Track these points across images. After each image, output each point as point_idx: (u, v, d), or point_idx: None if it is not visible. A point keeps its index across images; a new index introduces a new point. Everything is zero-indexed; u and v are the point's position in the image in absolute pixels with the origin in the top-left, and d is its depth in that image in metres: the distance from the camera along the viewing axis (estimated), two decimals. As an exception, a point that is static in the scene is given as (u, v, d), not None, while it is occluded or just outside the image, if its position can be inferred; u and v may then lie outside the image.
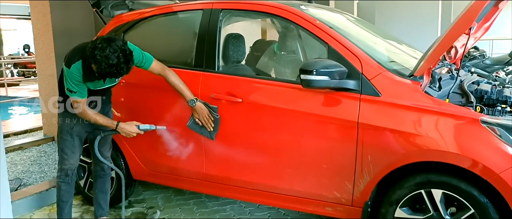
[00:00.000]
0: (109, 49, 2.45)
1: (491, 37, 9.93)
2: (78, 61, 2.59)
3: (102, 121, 2.78)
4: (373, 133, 2.40)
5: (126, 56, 2.52)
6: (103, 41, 2.48)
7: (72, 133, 2.87)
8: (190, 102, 2.84)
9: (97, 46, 2.46)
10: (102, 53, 2.45)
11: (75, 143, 2.88)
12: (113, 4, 3.57)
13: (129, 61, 2.54)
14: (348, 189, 2.53)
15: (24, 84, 12.75)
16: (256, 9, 3.04)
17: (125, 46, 2.53)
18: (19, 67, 15.61)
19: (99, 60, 2.46)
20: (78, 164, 2.97)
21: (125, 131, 2.80)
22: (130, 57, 2.54)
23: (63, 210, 2.98)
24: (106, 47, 2.45)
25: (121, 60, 2.49)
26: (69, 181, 2.93)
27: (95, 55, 2.46)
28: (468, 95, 2.49)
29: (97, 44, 2.47)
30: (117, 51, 2.47)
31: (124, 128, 2.80)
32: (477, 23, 2.75)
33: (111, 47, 2.46)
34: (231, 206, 3.51)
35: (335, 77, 2.42)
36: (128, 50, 2.54)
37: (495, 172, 2.11)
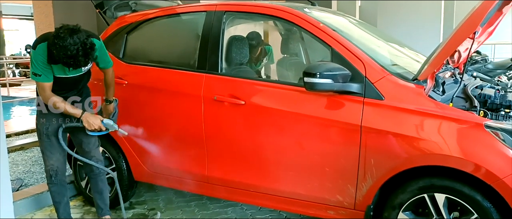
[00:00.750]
0: (69, 40, 2.46)
1: (493, 42, 9.93)
2: (44, 42, 2.61)
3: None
4: (376, 137, 2.39)
5: (86, 50, 2.52)
6: (66, 31, 2.49)
7: (48, 134, 2.86)
8: (106, 101, 3.02)
9: (59, 35, 2.47)
10: (63, 43, 2.46)
11: (53, 143, 2.86)
12: (116, 5, 3.57)
13: (88, 55, 2.55)
14: (350, 193, 2.53)
15: (26, 85, 12.75)
16: (260, 12, 3.04)
17: (86, 40, 2.53)
18: (21, 67, 15.63)
19: (58, 49, 2.47)
20: (62, 164, 2.94)
21: (89, 121, 2.78)
22: (89, 52, 2.55)
23: (59, 210, 3.01)
24: (67, 38, 2.46)
25: (80, 53, 2.49)
26: (55, 182, 2.92)
27: (55, 44, 2.48)
28: (472, 99, 2.48)
29: (60, 33, 2.48)
30: (77, 44, 2.48)
31: (89, 117, 2.78)
32: (481, 28, 2.74)
33: (72, 38, 2.47)
34: (232, 208, 3.50)
35: (339, 81, 2.42)
36: (90, 44, 2.54)
37: (499, 176, 2.10)
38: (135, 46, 3.42)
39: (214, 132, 2.91)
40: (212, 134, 2.92)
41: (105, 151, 3.29)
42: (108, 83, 3.00)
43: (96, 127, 2.81)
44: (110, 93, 3.03)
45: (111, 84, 3.02)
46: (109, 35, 3.46)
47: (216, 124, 2.90)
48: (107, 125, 2.84)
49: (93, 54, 2.61)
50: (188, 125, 2.96)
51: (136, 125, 3.16)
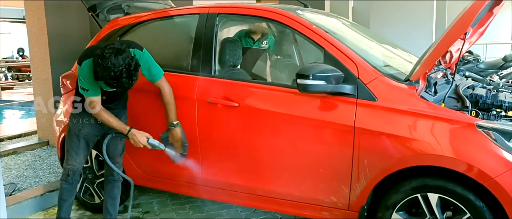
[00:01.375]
0: (114, 61, 2.44)
1: (485, 42, 10.00)
2: (89, 59, 2.59)
3: (115, 123, 2.77)
4: (369, 137, 2.40)
5: (130, 71, 2.50)
6: (112, 51, 2.47)
7: (79, 135, 2.87)
8: (170, 124, 2.90)
9: (104, 55, 2.46)
10: (106, 63, 2.44)
11: (81, 145, 2.88)
12: (109, 8, 3.56)
13: (132, 77, 2.54)
14: (344, 194, 2.54)
15: (18, 88, 12.68)
16: (253, 14, 3.06)
17: (131, 61, 2.51)
18: (13, 70, 15.54)
19: (102, 70, 2.47)
20: (81, 166, 2.97)
21: (135, 139, 2.78)
22: (134, 73, 2.54)
23: (62, 208, 2.99)
24: (112, 58, 2.44)
25: (124, 74, 2.48)
26: (70, 181, 2.94)
27: (100, 64, 2.46)
28: (464, 99, 2.50)
29: (105, 53, 2.46)
30: (122, 65, 2.46)
31: (136, 135, 2.78)
32: (472, 28, 2.77)
33: (117, 59, 2.45)
34: (227, 210, 3.50)
35: (332, 82, 2.43)
36: (134, 65, 2.53)
37: (491, 176, 2.12)
38: (128, 49, 3.40)
39: (208, 134, 2.91)
40: (206, 136, 2.92)
41: (99, 154, 3.28)
42: (166, 102, 2.87)
43: (141, 146, 2.80)
44: (171, 114, 2.88)
45: (171, 102, 2.87)
46: (102, 38, 3.45)
47: (210, 126, 2.90)
48: (152, 145, 2.82)
49: (137, 76, 2.59)
50: (182, 127, 2.95)
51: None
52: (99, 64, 2.47)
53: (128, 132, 2.78)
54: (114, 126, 2.77)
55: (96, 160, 3.33)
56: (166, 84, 2.87)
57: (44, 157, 4.79)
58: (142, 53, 2.73)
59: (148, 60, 2.78)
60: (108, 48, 2.48)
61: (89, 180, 3.40)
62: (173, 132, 2.91)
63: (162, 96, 2.87)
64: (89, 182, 3.41)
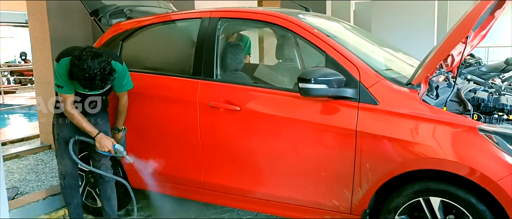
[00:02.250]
0: (89, 63, 2.54)
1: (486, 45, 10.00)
2: (68, 57, 2.67)
3: (85, 125, 2.83)
4: (371, 141, 2.40)
5: (104, 75, 2.61)
6: (88, 54, 2.57)
7: (59, 139, 2.95)
8: (114, 128, 3.07)
9: (82, 56, 2.55)
10: (83, 64, 2.54)
11: (61, 148, 2.95)
12: (111, 12, 3.57)
13: (105, 80, 2.65)
14: (346, 197, 2.53)
15: (21, 92, 12.70)
16: (254, 18, 3.06)
17: (107, 65, 2.61)
18: (16, 74, 15.58)
19: (77, 70, 2.56)
20: (72, 170, 3.00)
21: (102, 143, 2.85)
22: (108, 77, 2.65)
23: (69, 211, 3.11)
24: (88, 60, 2.54)
25: (98, 77, 2.58)
26: (64, 185, 3.01)
27: (76, 64, 2.56)
28: (466, 103, 2.50)
29: (83, 54, 2.56)
30: (97, 68, 2.56)
31: (102, 139, 2.85)
32: (474, 32, 2.77)
33: (94, 62, 2.55)
34: (229, 214, 3.50)
35: (333, 86, 2.43)
36: (109, 69, 2.63)
37: (493, 179, 2.12)
38: (130, 53, 3.42)
39: (210, 138, 2.92)
40: (208, 140, 2.92)
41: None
42: (120, 111, 3.05)
43: (106, 150, 2.88)
44: (120, 121, 3.08)
45: (123, 112, 3.06)
46: (104, 43, 3.46)
47: (212, 130, 2.90)
48: (117, 151, 2.91)
49: (111, 79, 2.70)
50: (183, 131, 2.96)
51: (131, 132, 3.16)
52: (75, 65, 2.56)
53: (96, 135, 2.84)
54: (84, 126, 2.82)
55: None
56: (126, 96, 3.03)
57: (47, 160, 4.80)
58: (121, 67, 2.84)
59: (124, 75, 2.90)
60: (86, 51, 2.59)
61: (91, 184, 3.41)
62: (117, 135, 3.09)
63: (118, 105, 3.03)
64: (91, 186, 3.41)
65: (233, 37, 4.65)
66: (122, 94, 3.01)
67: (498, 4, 2.64)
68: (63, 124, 2.95)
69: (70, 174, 3.00)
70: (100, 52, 2.63)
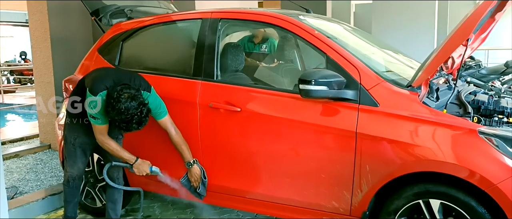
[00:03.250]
0: (127, 105, 2.53)
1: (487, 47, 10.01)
2: (104, 91, 2.64)
3: (123, 154, 2.83)
4: (371, 143, 2.40)
5: (141, 118, 2.60)
6: (128, 96, 2.54)
7: (75, 143, 2.92)
8: (187, 164, 2.93)
9: (120, 99, 2.53)
10: (119, 106, 2.52)
11: (77, 153, 2.93)
12: (112, 12, 3.57)
13: (141, 123, 2.64)
14: (346, 199, 2.53)
15: (20, 91, 12.70)
16: (255, 19, 3.07)
17: (143, 108, 2.60)
18: (16, 74, 15.58)
19: (115, 112, 2.54)
20: (81, 172, 3.01)
21: (140, 168, 2.86)
22: (144, 120, 2.63)
23: (67, 208, 3.07)
24: (127, 103, 2.53)
25: (134, 120, 2.58)
26: (70, 186, 3.01)
27: (113, 106, 2.54)
28: (466, 105, 2.50)
29: (121, 97, 2.53)
30: (134, 112, 2.55)
31: (140, 165, 2.86)
32: (474, 34, 2.77)
33: (131, 104, 2.54)
34: (228, 215, 3.50)
35: (334, 87, 2.43)
36: (146, 112, 2.61)
37: (493, 182, 2.12)
38: (130, 54, 3.42)
39: (210, 139, 2.92)
40: (208, 141, 2.92)
41: (101, 159, 3.28)
42: (176, 142, 2.89)
43: (144, 174, 2.89)
44: (185, 153, 2.90)
45: (181, 142, 2.88)
46: (105, 43, 3.46)
47: (212, 131, 2.90)
48: (153, 172, 2.93)
49: (146, 121, 2.67)
50: (184, 132, 2.95)
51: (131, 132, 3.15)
52: (112, 106, 2.54)
53: (135, 161, 2.85)
54: (122, 156, 2.83)
55: (98, 164, 3.34)
56: (171, 124, 2.89)
57: (46, 160, 4.80)
58: (149, 94, 2.78)
59: (156, 101, 2.82)
60: (124, 92, 2.55)
61: (90, 184, 3.40)
62: (192, 169, 2.94)
63: (170, 138, 2.90)
64: (90, 186, 3.41)
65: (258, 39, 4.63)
66: (164, 122, 2.87)
67: (499, 6, 2.65)
68: (79, 128, 2.91)
69: (78, 177, 3.00)
70: (138, 94, 2.60)
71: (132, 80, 2.74)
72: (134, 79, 2.75)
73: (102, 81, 2.68)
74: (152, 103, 2.77)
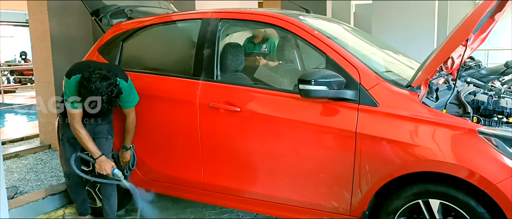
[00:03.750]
0: (99, 85, 2.62)
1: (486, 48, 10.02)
2: (78, 75, 2.74)
3: (90, 145, 2.88)
4: (371, 143, 2.41)
5: (111, 98, 2.70)
6: (97, 75, 2.65)
7: (63, 139, 3.01)
8: (123, 147, 3.10)
9: (91, 78, 2.63)
10: (91, 86, 2.62)
11: (66, 149, 3.01)
12: (112, 12, 3.57)
13: (111, 103, 2.73)
14: (346, 199, 2.54)
15: (21, 91, 12.70)
16: (255, 19, 3.07)
17: (114, 88, 2.70)
18: (16, 74, 15.58)
19: (85, 91, 2.64)
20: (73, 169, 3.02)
21: (102, 165, 2.90)
22: (114, 100, 2.73)
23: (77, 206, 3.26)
24: (97, 82, 2.62)
25: (105, 99, 2.68)
26: (69, 184, 3.11)
27: (85, 85, 2.64)
28: (465, 106, 2.51)
29: (92, 76, 2.64)
30: (104, 91, 2.64)
31: (102, 162, 2.89)
32: (474, 34, 2.78)
33: (102, 84, 2.63)
34: (228, 214, 3.50)
35: (333, 88, 2.43)
36: (116, 92, 2.71)
37: (492, 182, 2.12)
38: (130, 54, 3.42)
39: (210, 139, 2.92)
40: (208, 140, 2.92)
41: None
42: (127, 128, 3.06)
43: (105, 173, 2.92)
44: (128, 139, 3.09)
45: (131, 130, 3.07)
46: (105, 43, 3.46)
47: (212, 131, 2.91)
48: (115, 175, 2.93)
49: (116, 103, 2.78)
50: (184, 132, 2.96)
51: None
52: (84, 86, 2.65)
53: (98, 157, 2.89)
54: (88, 146, 2.88)
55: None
56: (133, 113, 3.04)
57: (46, 160, 4.80)
58: (126, 84, 2.88)
59: (130, 91, 2.93)
60: (96, 72, 2.66)
61: (90, 183, 3.41)
62: (125, 153, 3.13)
63: (126, 123, 3.05)
64: (90, 185, 3.41)
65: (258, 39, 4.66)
66: (129, 111, 3.02)
67: (499, 7, 2.65)
68: (65, 126, 2.98)
69: (75, 173, 3.02)
70: (109, 74, 2.69)
71: (108, 67, 2.83)
72: (111, 67, 2.84)
73: (79, 67, 2.80)
74: (125, 90, 2.85)
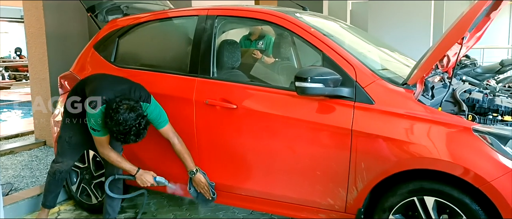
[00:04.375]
0: (125, 116, 2.53)
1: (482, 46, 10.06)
2: (104, 105, 2.64)
3: (124, 165, 2.84)
4: (366, 140, 2.41)
5: (139, 130, 2.60)
6: (126, 107, 2.55)
7: (70, 142, 2.97)
8: (190, 173, 2.90)
9: (118, 110, 2.53)
10: (119, 119, 2.52)
11: (70, 151, 2.99)
12: (108, 9, 3.56)
13: (139, 135, 2.63)
14: (341, 196, 2.54)
15: (15, 88, 12.64)
16: (251, 16, 3.07)
17: (142, 120, 2.60)
18: (11, 70, 15.49)
19: (112, 122, 2.55)
20: (67, 168, 3.05)
21: (143, 179, 2.87)
22: (142, 132, 2.63)
23: (47, 198, 3.11)
24: (126, 115, 2.53)
25: (132, 132, 2.58)
26: (56, 179, 3.05)
27: (112, 117, 2.54)
28: (460, 104, 2.52)
29: (120, 108, 2.54)
30: (132, 124, 2.55)
31: (143, 175, 2.86)
32: (469, 33, 2.79)
33: (130, 116, 2.54)
34: (224, 212, 3.50)
35: (330, 85, 2.44)
36: (144, 124, 2.61)
37: (487, 180, 2.13)
38: (126, 50, 3.42)
39: (206, 136, 2.92)
40: (204, 138, 2.92)
41: (97, 155, 3.27)
42: (178, 151, 2.86)
43: (148, 185, 2.88)
44: (188, 162, 2.87)
45: (184, 151, 2.86)
46: (101, 39, 3.45)
47: (208, 128, 2.91)
48: (159, 183, 2.92)
49: (144, 134, 2.67)
50: (179, 129, 2.95)
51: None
52: (111, 117, 2.55)
53: (136, 172, 2.86)
54: (123, 167, 2.84)
55: (94, 160, 3.33)
56: (173, 133, 2.87)
57: (41, 157, 4.78)
58: (149, 105, 2.77)
59: (157, 112, 2.81)
60: (123, 104, 2.55)
61: (86, 180, 3.40)
62: (196, 178, 2.91)
63: (173, 147, 2.87)
64: (86, 182, 3.40)
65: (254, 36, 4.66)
66: (167, 131, 2.85)
67: (494, 5, 2.66)
68: (75, 127, 2.94)
69: (65, 171, 3.05)
70: (137, 105, 2.60)
71: (132, 91, 2.74)
72: (134, 90, 2.75)
73: (102, 93, 2.68)
74: (152, 113, 2.77)
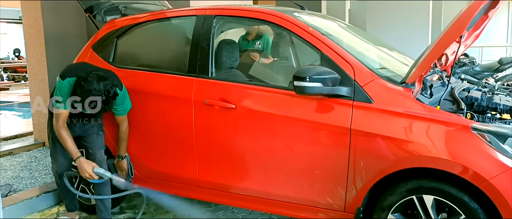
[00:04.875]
0: (95, 86, 2.60)
1: (480, 45, 10.07)
2: (73, 77, 2.72)
3: (70, 145, 2.84)
4: (365, 139, 2.41)
5: (108, 98, 2.68)
6: (95, 77, 2.63)
7: (54, 138, 2.97)
8: (118, 156, 3.10)
9: (88, 78, 2.61)
10: (88, 86, 2.60)
11: (57, 149, 2.98)
12: (106, 9, 3.56)
13: (108, 103, 2.71)
14: (340, 195, 2.54)
15: (14, 89, 12.62)
16: (250, 16, 3.07)
17: (111, 89, 2.67)
18: (9, 71, 15.47)
19: (83, 92, 2.62)
20: (64, 168, 3.04)
21: (81, 167, 2.84)
22: (110, 101, 2.71)
23: (66, 203, 3.26)
24: (94, 83, 2.60)
25: (102, 99, 2.66)
26: (59, 183, 3.07)
27: (82, 86, 2.62)
28: (459, 102, 2.52)
29: (89, 77, 2.62)
30: (101, 91, 2.62)
31: (82, 163, 2.84)
32: (468, 31, 2.79)
33: (99, 86, 2.62)
34: (223, 211, 3.50)
35: (328, 84, 2.44)
36: (112, 94, 2.69)
37: (485, 178, 2.13)
38: (125, 51, 3.41)
39: (204, 136, 2.92)
40: (203, 137, 2.92)
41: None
42: (121, 137, 3.06)
43: (87, 175, 2.84)
44: (122, 148, 3.09)
45: (125, 139, 3.07)
46: (99, 40, 3.45)
47: (206, 128, 2.90)
48: (98, 174, 2.85)
49: (113, 103, 2.76)
50: (178, 129, 2.96)
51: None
52: (81, 86, 2.62)
53: (76, 158, 2.85)
54: (67, 146, 2.84)
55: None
56: (126, 122, 3.04)
57: (40, 158, 4.78)
58: (121, 92, 2.85)
59: (123, 99, 2.92)
60: (93, 73, 2.64)
61: (84, 181, 3.39)
62: (120, 163, 3.12)
63: (119, 132, 3.05)
64: (85, 183, 3.40)
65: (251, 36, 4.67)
66: (122, 119, 3.02)
67: (492, 4, 2.66)
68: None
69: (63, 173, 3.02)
70: (106, 75, 2.68)
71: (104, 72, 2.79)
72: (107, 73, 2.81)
73: (75, 70, 2.78)
74: (119, 97, 2.84)
